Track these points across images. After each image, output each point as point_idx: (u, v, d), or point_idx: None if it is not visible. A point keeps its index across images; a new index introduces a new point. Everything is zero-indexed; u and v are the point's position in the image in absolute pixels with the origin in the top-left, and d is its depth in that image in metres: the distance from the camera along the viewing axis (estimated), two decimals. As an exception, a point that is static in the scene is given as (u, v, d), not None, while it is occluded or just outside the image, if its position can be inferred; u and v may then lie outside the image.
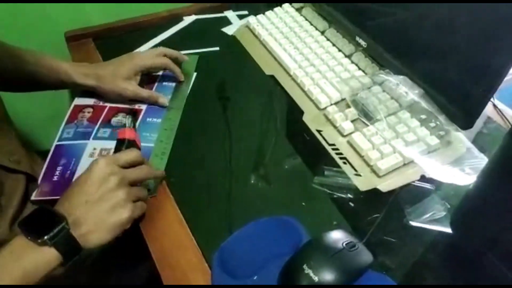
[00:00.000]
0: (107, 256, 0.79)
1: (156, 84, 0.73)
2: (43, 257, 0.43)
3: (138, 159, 0.53)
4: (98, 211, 0.46)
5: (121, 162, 0.51)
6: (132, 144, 0.59)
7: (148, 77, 0.73)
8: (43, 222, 0.44)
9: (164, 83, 0.73)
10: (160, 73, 0.75)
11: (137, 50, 0.81)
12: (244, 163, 0.61)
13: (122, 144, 0.59)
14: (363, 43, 0.69)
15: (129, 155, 0.52)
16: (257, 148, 0.64)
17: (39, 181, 0.58)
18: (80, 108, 0.68)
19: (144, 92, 0.68)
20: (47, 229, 0.43)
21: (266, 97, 0.72)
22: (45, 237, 0.43)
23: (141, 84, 0.69)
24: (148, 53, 0.71)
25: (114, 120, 0.66)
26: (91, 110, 0.67)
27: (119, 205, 0.48)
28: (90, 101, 0.69)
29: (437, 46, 0.58)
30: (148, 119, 0.66)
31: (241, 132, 0.66)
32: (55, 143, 0.63)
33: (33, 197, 0.56)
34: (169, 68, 0.71)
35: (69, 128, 0.65)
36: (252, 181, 0.59)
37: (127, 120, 0.65)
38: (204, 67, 0.77)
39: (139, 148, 0.60)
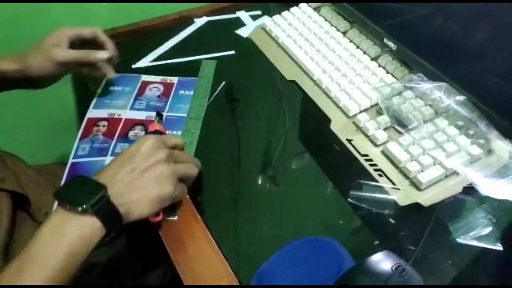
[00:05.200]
0: (112, 268, 0.76)
1: (172, 94, 0.69)
2: (86, 229, 0.41)
3: (182, 146, 0.54)
4: (143, 181, 0.46)
5: (168, 144, 0.51)
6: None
7: (164, 87, 0.69)
8: (82, 191, 0.42)
9: (180, 92, 0.69)
10: (175, 81, 0.71)
11: (148, 55, 0.77)
12: (272, 179, 0.58)
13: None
14: (392, 45, 0.65)
15: (175, 139, 0.53)
16: (284, 161, 0.60)
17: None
18: (94, 121, 0.64)
19: (78, 52, 0.63)
20: (87, 197, 0.41)
21: (289, 104, 0.69)
22: (86, 205, 0.41)
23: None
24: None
25: (131, 134, 0.62)
26: (106, 123, 0.63)
27: (165, 178, 0.47)
28: (104, 112, 0.65)
29: (479, 48, 0.54)
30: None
31: (265, 143, 0.62)
32: (71, 160, 0.59)
33: None
34: (97, 36, 0.65)
35: (84, 144, 0.61)
36: (284, 199, 0.55)
37: (155, 118, 0.62)
38: (221, 73, 0.73)
39: None
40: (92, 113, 0.66)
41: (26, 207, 0.59)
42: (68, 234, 0.41)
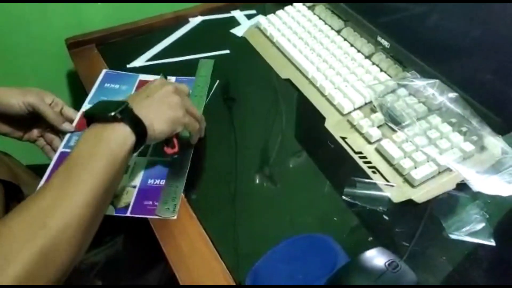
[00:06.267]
0: (111, 268, 0.76)
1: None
2: (120, 132, 0.45)
3: (188, 93, 0.58)
4: (157, 104, 0.50)
5: (178, 87, 0.54)
6: None
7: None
8: (107, 105, 0.47)
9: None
10: (173, 80, 0.71)
11: (144, 55, 0.77)
12: (267, 177, 0.58)
13: None
14: (385, 43, 0.66)
15: (183, 86, 0.57)
16: (279, 159, 0.60)
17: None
18: None
19: (52, 112, 0.60)
20: (113, 108, 0.46)
21: (284, 102, 0.69)
22: (114, 112, 0.45)
23: None
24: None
25: None
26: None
27: (176, 104, 0.52)
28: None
29: (471, 45, 0.55)
30: None
31: (260, 141, 0.63)
32: (60, 149, 0.59)
33: None
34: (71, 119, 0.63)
35: (77, 135, 0.61)
36: (279, 197, 0.56)
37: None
38: (216, 72, 0.73)
39: None
40: (88, 107, 0.65)
41: (19, 197, 0.59)
42: (105, 138, 0.45)
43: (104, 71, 0.73)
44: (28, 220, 0.38)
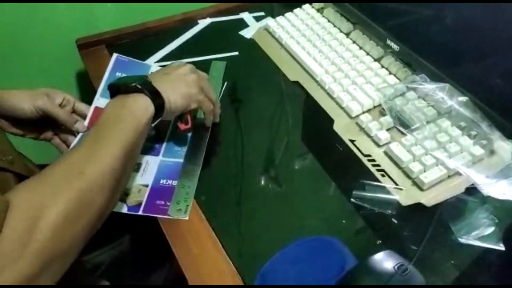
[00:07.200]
0: (115, 269, 0.77)
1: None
2: (141, 102, 0.50)
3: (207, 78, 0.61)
4: (174, 81, 0.54)
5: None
6: None
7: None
8: (128, 78, 0.52)
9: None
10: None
11: (153, 56, 0.78)
12: (275, 179, 0.58)
13: None
14: (395, 46, 0.66)
15: (202, 72, 0.60)
16: (287, 161, 0.61)
17: None
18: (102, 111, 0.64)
19: (62, 111, 0.61)
20: (134, 80, 0.51)
21: (292, 105, 0.69)
22: (135, 83, 0.50)
23: None
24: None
25: None
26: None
27: (192, 81, 0.56)
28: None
29: (481, 49, 0.55)
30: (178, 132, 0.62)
31: (268, 143, 0.63)
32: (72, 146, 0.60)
33: None
34: (83, 113, 0.64)
35: None
36: (287, 199, 0.56)
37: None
38: (225, 74, 0.74)
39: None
40: (100, 101, 0.65)
41: None
42: (128, 105, 0.49)
43: (115, 55, 0.72)
44: (67, 168, 0.42)
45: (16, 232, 0.36)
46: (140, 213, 0.53)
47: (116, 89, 0.51)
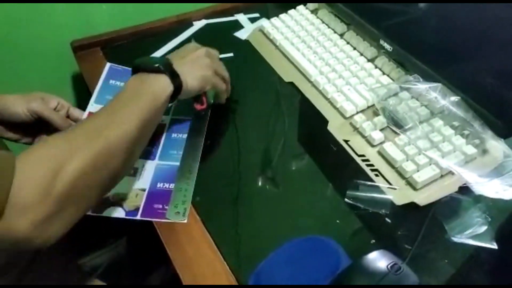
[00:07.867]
0: (114, 270, 0.77)
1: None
2: (161, 81, 0.53)
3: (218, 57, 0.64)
4: (191, 65, 0.58)
5: (210, 51, 0.62)
6: None
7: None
8: (151, 59, 0.57)
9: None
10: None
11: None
12: (270, 179, 0.59)
13: None
14: (388, 47, 0.66)
15: (214, 50, 0.63)
16: (281, 162, 0.61)
17: None
18: None
19: (57, 114, 0.61)
20: (156, 61, 0.54)
21: (287, 106, 0.69)
22: (157, 64, 0.53)
23: None
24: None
25: None
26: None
27: (206, 65, 0.59)
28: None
29: (473, 49, 0.55)
30: (173, 135, 0.63)
31: (263, 144, 0.63)
32: None
33: None
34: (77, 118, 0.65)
35: None
36: (282, 199, 0.56)
37: None
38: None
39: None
40: (94, 107, 0.66)
41: None
42: (149, 83, 0.52)
43: (108, 65, 0.72)
44: (88, 130, 0.46)
45: (35, 182, 0.40)
46: (138, 217, 0.53)
47: (137, 68, 0.54)
